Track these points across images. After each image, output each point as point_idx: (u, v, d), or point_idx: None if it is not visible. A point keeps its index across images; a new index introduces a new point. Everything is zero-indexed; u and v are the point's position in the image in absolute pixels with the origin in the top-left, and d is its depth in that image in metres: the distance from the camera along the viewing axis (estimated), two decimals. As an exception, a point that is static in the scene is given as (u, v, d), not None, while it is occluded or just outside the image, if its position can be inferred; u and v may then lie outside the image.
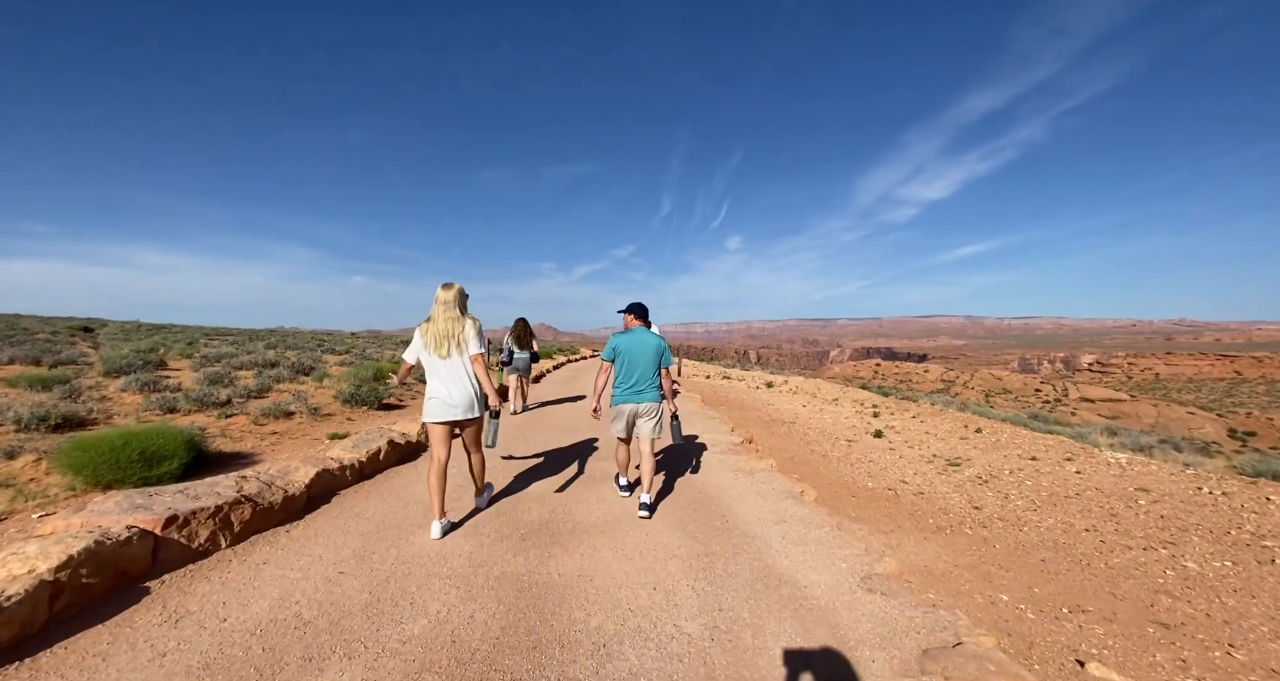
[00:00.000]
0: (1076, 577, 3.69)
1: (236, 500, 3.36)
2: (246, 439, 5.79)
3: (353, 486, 4.57)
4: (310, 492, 4.10)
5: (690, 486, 4.92)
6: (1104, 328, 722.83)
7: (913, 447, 8.03)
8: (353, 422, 7.11)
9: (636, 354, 4.17)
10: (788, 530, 3.86)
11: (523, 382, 9.06)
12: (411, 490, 4.55)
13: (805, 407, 12.38)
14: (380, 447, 5.06)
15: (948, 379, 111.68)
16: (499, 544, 3.52)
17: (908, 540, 4.24)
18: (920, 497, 5.51)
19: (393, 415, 7.95)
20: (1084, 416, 73.16)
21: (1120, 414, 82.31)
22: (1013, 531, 4.55)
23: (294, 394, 8.17)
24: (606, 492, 4.68)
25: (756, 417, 10.59)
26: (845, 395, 14.68)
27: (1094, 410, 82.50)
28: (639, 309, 4.39)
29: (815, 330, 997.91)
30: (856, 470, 6.63)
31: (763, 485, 4.97)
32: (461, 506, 4.18)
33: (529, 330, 9.08)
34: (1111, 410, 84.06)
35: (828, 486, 5.74)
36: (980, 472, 6.46)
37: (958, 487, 5.88)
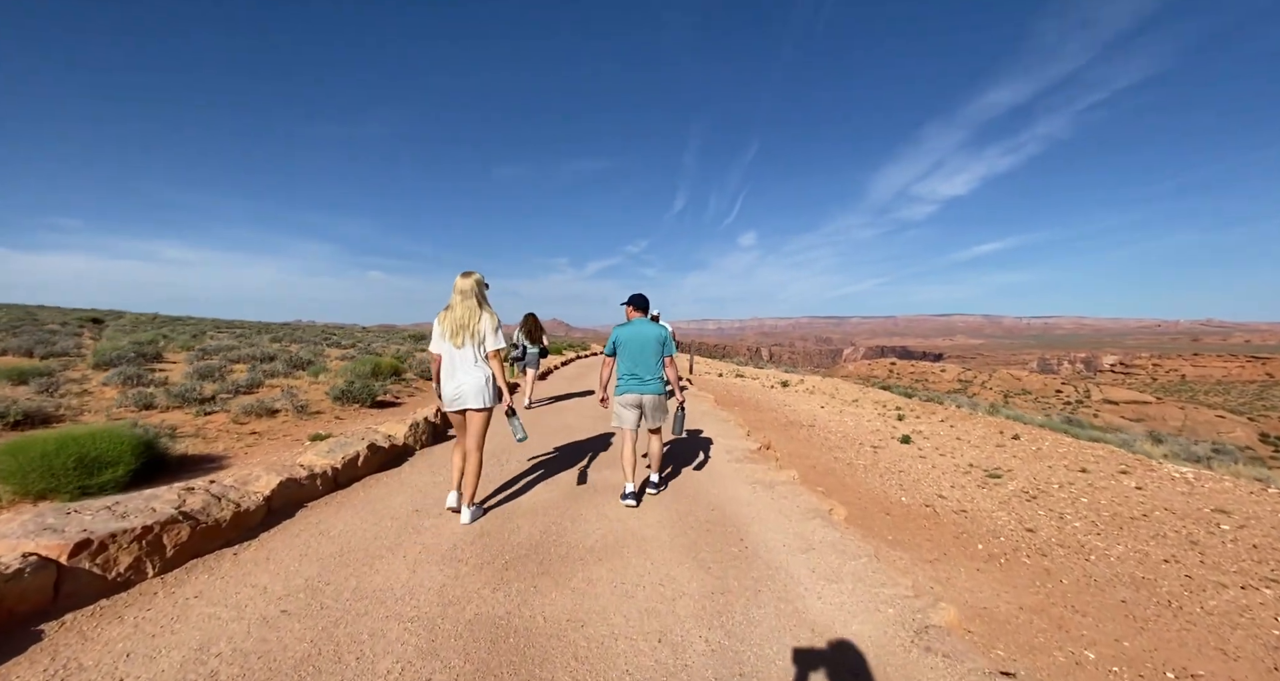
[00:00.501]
0: (1171, 626, 3.07)
1: (172, 518, 2.87)
2: (221, 439, 5.34)
3: (324, 497, 4.07)
4: (271, 505, 3.61)
5: (703, 500, 4.36)
6: (1127, 328, 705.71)
7: (945, 456, 7.38)
8: (341, 422, 6.65)
9: (637, 345, 4.18)
10: (818, 560, 3.28)
11: (532, 377, 9.00)
12: (389, 502, 4.05)
13: (824, 409, 11.74)
14: (359, 452, 4.57)
15: (965, 379, 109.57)
16: (478, 573, 2.99)
17: (958, 572, 3.64)
18: (963, 516, 4.89)
19: (386, 413, 7.48)
20: (1107, 418, 71.20)
21: (1145, 416, 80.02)
22: (1078, 561, 3.92)
23: (284, 390, 7.74)
24: (608, 506, 4.14)
25: (773, 420, 9.98)
26: (865, 396, 13.99)
27: (1117, 412, 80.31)
28: (639, 300, 4.42)
29: (829, 328, 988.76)
30: (887, 482, 6.01)
31: (785, 501, 4.39)
32: (445, 523, 3.66)
33: (539, 325, 9.01)
34: (1136, 412, 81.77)
35: (857, 502, 5.14)
36: (1026, 486, 5.81)
37: (1003, 504, 5.24)
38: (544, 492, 4.45)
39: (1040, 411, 68.94)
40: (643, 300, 4.43)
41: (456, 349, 3.57)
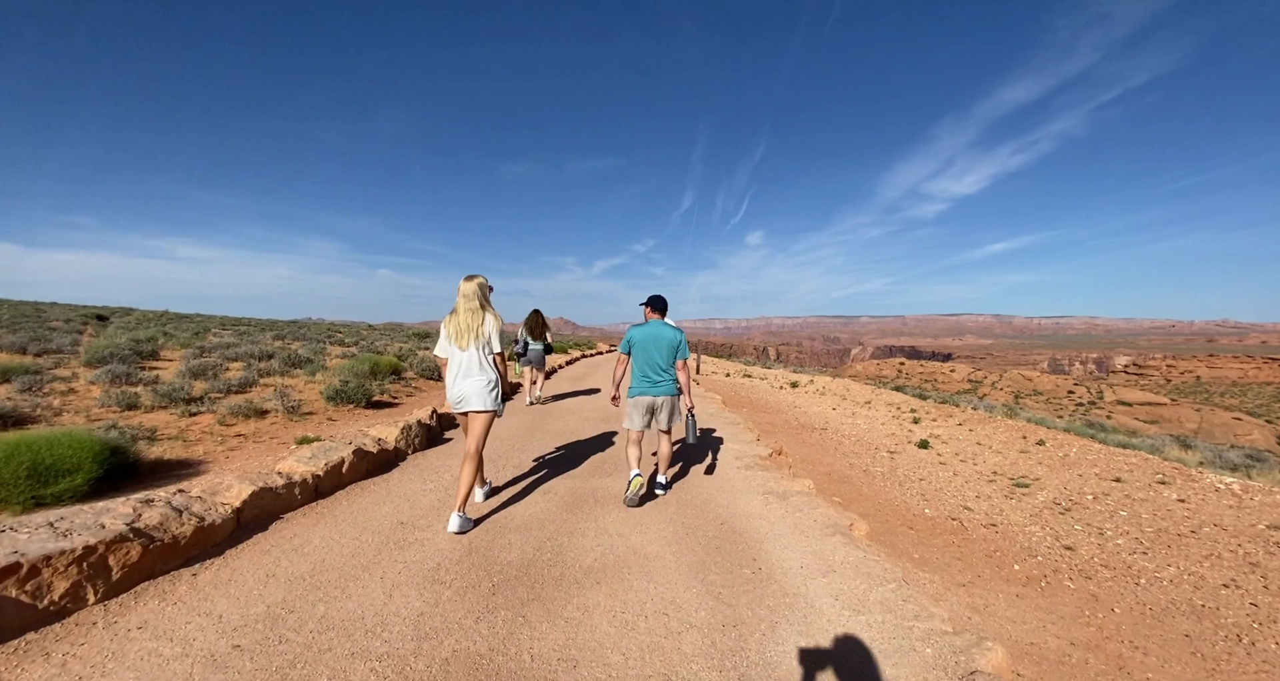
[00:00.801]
0: (1246, 666, 2.70)
1: (121, 536, 2.58)
2: (203, 442, 5.08)
3: (302, 508, 3.78)
4: (241, 518, 3.32)
5: (711, 512, 4.03)
6: (1140, 328, 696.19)
7: (966, 462, 7.00)
8: (333, 424, 6.38)
9: (652, 346, 4.16)
10: (841, 585, 2.94)
11: (536, 374, 8.85)
12: (373, 514, 3.75)
13: (836, 411, 11.36)
14: (343, 458, 4.27)
15: (975, 379, 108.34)
16: (461, 599, 2.68)
17: (995, 598, 3.28)
18: (993, 531, 4.53)
19: (381, 415, 7.21)
20: (1121, 420, 70.06)
21: (1160, 418, 78.73)
22: (1128, 585, 3.55)
23: (277, 390, 7.49)
24: (609, 519, 3.82)
25: (783, 422, 9.62)
26: (878, 397, 13.58)
27: (1131, 414, 79.05)
28: (657, 302, 4.39)
29: (836, 327, 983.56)
30: (907, 491, 5.65)
31: (800, 514, 4.04)
32: (435, 533, 3.36)
33: (543, 322, 8.83)
34: (1150, 414, 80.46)
35: (877, 514, 4.78)
36: (1057, 497, 5.43)
37: (1035, 517, 4.87)
38: (540, 502, 4.14)
39: (1052, 412, 68.47)
40: (661, 302, 4.40)
41: (461, 351, 3.64)
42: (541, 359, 8.79)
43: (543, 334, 8.77)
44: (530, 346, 8.62)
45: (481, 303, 3.71)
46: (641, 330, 4.25)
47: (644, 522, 3.80)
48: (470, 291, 3.69)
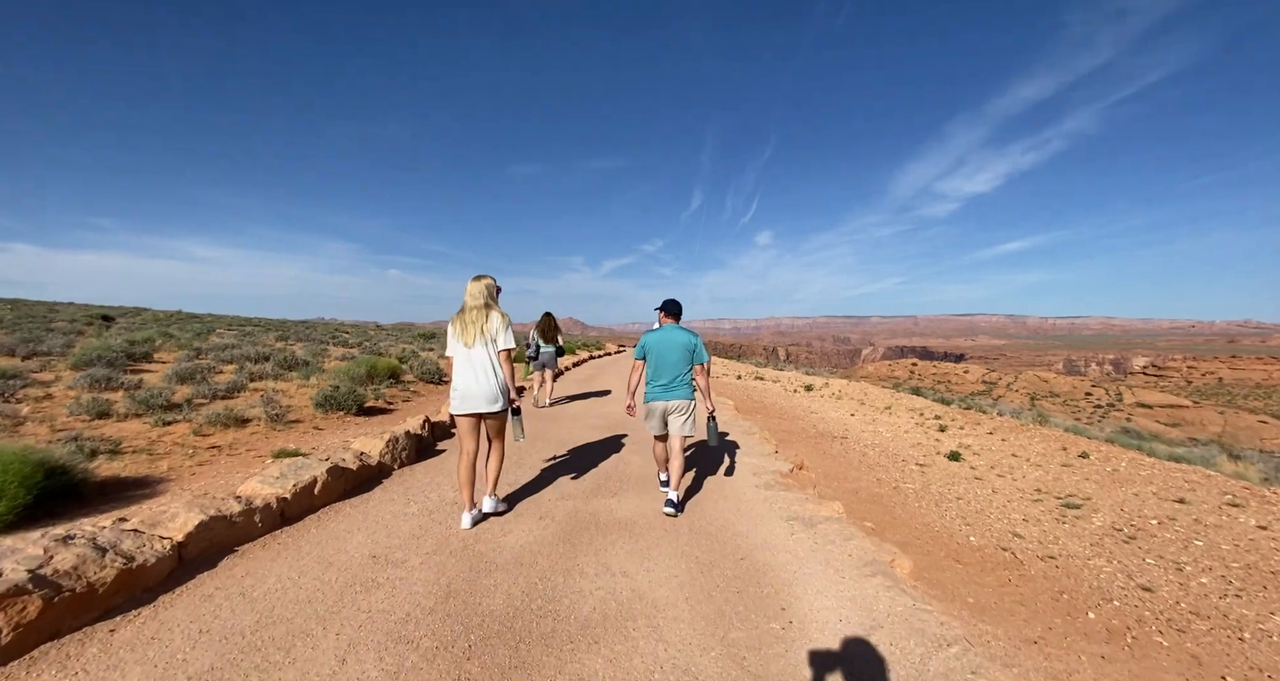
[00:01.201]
0: None
1: (16, 588, 2.12)
2: (171, 456, 4.65)
3: (263, 538, 3.32)
4: (186, 554, 2.86)
5: (729, 545, 3.52)
6: (1158, 328, 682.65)
7: (1004, 477, 6.41)
8: (319, 433, 5.94)
9: (666, 351, 4.11)
10: (892, 649, 2.42)
11: (548, 376, 8.82)
12: (342, 545, 3.28)
13: (855, 417, 10.77)
14: (315, 478, 3.81)
15: (989, 380, 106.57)
16: (430, 664, 2.19)
17: (1078, 662, 2.73)
18: (1052, 565, 3.96)
19: (373, 422, 6.76)
20: (1141, 423, 68.41)
21: (1182, 421, 76.88)
22: (1231, 642, 2.98)
23: (265, 395, 7.08)
24: (613, 553, 3.32)
25: (801, 430, 9.06)
26: (898, 402, 12.96)
27: (1151, 416, 77.21)
28: (671, 305, 4.29)
29: (847, 327, 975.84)
30: (945, 513, 5.09)
31: (832, 547, 3.52)
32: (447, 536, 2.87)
33: (554, 324, 8.88)
34: (1171, 416, 78.57)
35: (917, 543, 4.23)
36: (1116, 521, 4.84)
37: (1096, 547, 4.30)
38: (534, 529, 3.64)
39: (1070, 415, 67.26)
40: (675, 306, 4.30)
41: (468, 349, 3.59)
42: (554, 361, 8.74)
43: (555, 336, 8.74)
44: (542, 349, 8.60)
45: (488, 301, 3.68)
46: (656, 335, 4.20)
47: (652, 557, 3.30)
48: (478, 291, 3.67)
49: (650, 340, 4.20)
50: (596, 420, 7.78)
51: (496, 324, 3.60)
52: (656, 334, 4.21)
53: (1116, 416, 73.89)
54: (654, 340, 4.17)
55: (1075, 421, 20.56)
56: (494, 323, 3.60)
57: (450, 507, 4.00)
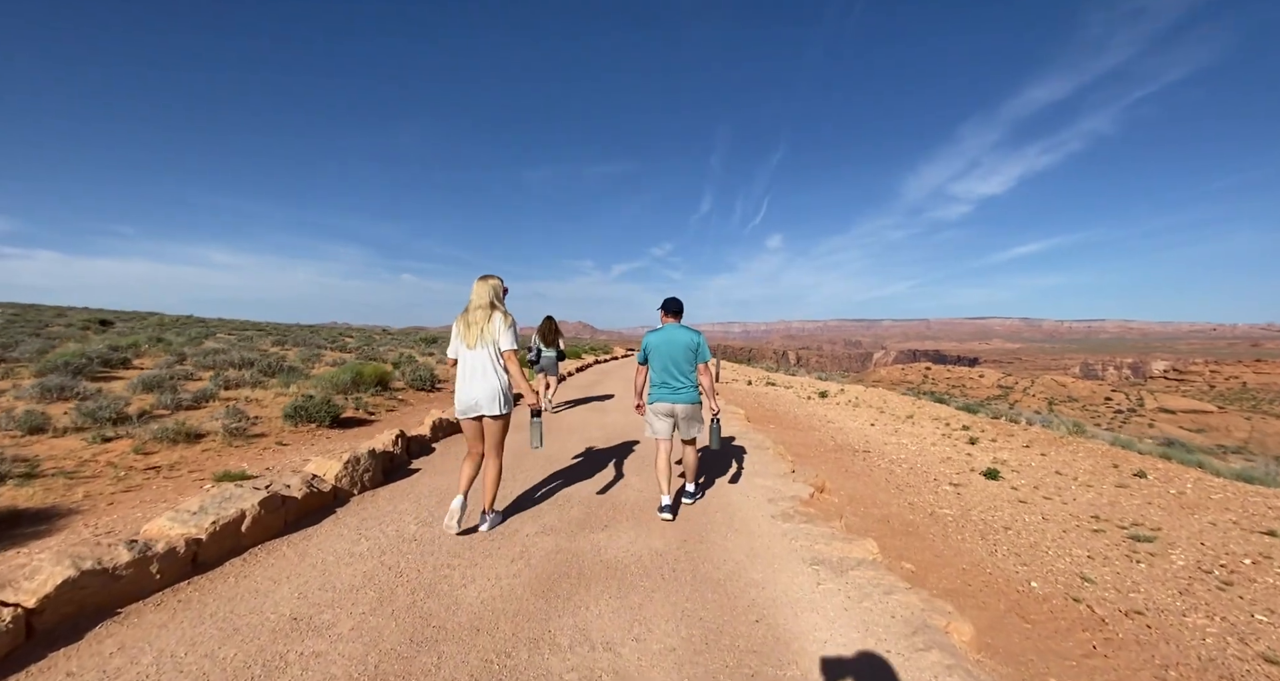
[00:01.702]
0: None
1: None
2: (98, 479, 4.04)
3: (161, 592, 2.67)
4: (40, 624, 2.23)
5: (741, 598, 2.83)
6: (1178, 332, 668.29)
7: (1053, 500, 5.66)
8: (281, 450, 5.32)
9: (670, 351, 3.99)
10: (974, 781, 1.72)
11: (549, 382, 8.71)
12: (264, 600, 2.64)
13: (875, 427, 10.01)
14: (244, 512, 3.17)
15: (1005, 384, 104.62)
16: None
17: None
18: (1141, 624, 3.22)
19: (345, 436, 6.15)
20: (1163, 428, 66.58)
21: (1207, 426, 74.76)
22: None
23: (231, 406, 6.51)
24: (596, 611, 2.65)
25: (818, 443, 8.33)
26: (920, 411, 12.17)
27: (1175, 421, 75.15)
28: (672, 304, 4.18)
29: (858, 331, 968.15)
30: (995, 548, 4.35)
31: (870, 603, 2.82)
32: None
33: (556, 328, 8.73)
34: (1196, 422, 76.41)
35: (970, 591, 3.51)
36: (1201, 560, 4.08)
37: (1187, 596, 3.55)
38: (505, 575, 2.98)
39: (1089, 420, 65.65)
40: (677, 304, 4.18)
41: (470, 350, 3.47)
42: (555, 365, 8.60)
43: (556, 340, 8.60)
44: (543, 353, 8.47)
45: (493, 302, 3.54)
46: (658, 335, 4.08)
47: (645, 618, 2.62)
48: (483, 291, 3.54)
49: (652, 340, 4.07)
50: (595, 432, 7.12)
51: (499, 325, 3.46)
52: (658, 334, 4.07)
53: (1138, 422, 71.94)
54: (656, 340, 4.04)
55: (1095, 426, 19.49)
56: (497, 323, 3.46)
57: (409, 544, 3.36)
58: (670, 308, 4.16)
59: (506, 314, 3.52)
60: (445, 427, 6.44)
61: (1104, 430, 13.55)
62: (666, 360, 3.99)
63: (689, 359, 3.98)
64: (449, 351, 3.60)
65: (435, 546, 3.34)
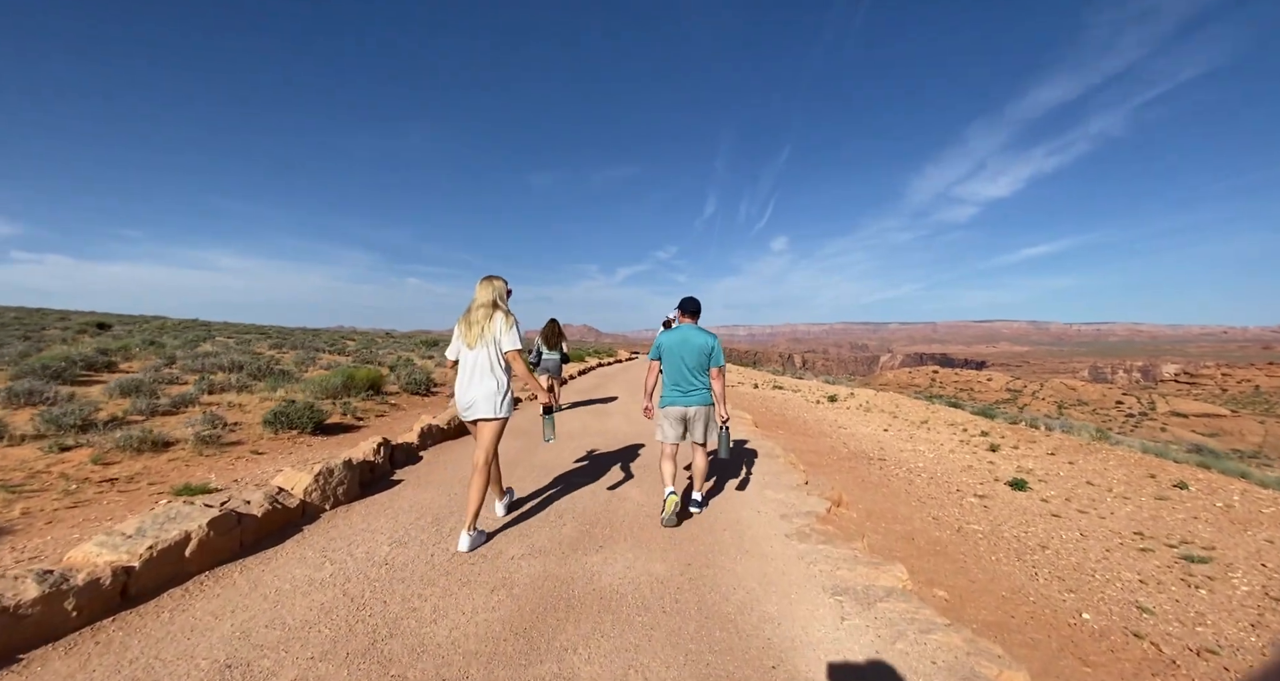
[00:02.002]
0: None
1: None
2: (45, 493, 3.69)
3: (78, 632, 2.30)
4: (-84, 676, 1.86)
5: (757, 640, 2.43)
6: (1189, 335, 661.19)
7: (1089, 514, 5.22)
8: (255, 460, 4.96)
9: (683, 352, 3.88)
10: None
11: (553, 384, 8.60)
12: (198, 640, 2.25)
13: (889, 433, 9.57)
14: (188, 533, 2.80)
15: (1014, 388, 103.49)
16: None
17: None
18: (1217, 666, 2.78)
19: (328, 444, 5.78)
20: (1176, 433, 65.49)
21: (1220, 431, 73.53)
22: None
23: (217, 408, 6.17)
24: (585, 655, 2.26)
25: (830, 450, 7.90)
26: (935, 415, 11.71)
27: (1187, 426, 73.97)
28: (689, 304, 4.06)
29: (864, 334, 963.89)
30: (1033, 570, 3.93)
31: (905, 644, 2.41)
32: None
33: (559, 330, 8.65)
34: (1209, 426, 75.20)
35: (1015, 624, 3.08)
36: (1266, 584, 3.65)
37: (1260, 628, 3.12)
38: (481, 608, 2.59)
39: (1101, 424, 64.92)
40: (694, 304, 4.06)
41: (470, 350, 3.39)
42: (558, 368, 8.50)
43: (558, 343, 8.52)
44: (545, 356, 8.40)
45: (496, 301, 3.45)
46: (672, 335, 3.96)
47: (642, 663, 2.23)
48: (486, 291, 3.47)
49: (666, 340, 3.95)
50: (595, 438, 6.72)
51: (501, 324, 3.37)
52: (673, 334, 3.95)
53: (1149, 426, 70.85)
54: (671, 341, 3.92)
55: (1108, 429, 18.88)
56: (498, 323, 3.37)
57: (378, 569, 2.98)
58: (688, 308, 4.04)
59: (509, 314, 3.43)
60: (435, 434, 6.07)
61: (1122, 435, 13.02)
62: (680, 361, 3.86)
63: (703, 361, 3.86)
64: (448, 353, 3.53)
65: (407, 572, 2.96)
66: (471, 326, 3.38)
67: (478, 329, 3.36)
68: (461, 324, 3.45)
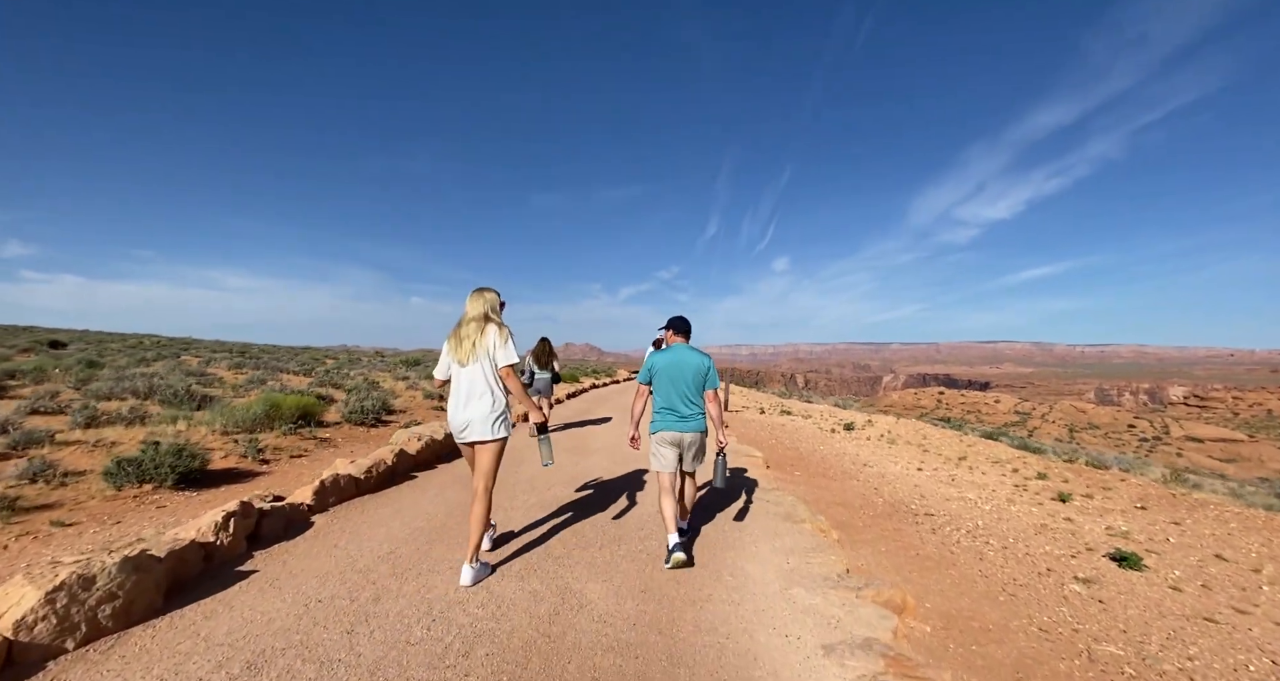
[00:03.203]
0: None
1: None
2: None
3: None
4: None
5: None
6: (1195, 357, 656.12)
7: (1249, 613, 3.65)
8: (45, 538, 3.43)
9: (676, 374, 3.58)
10: None
11: (543, 404, 8.35)
12: None
13: (924, 473, 8.00)
14: None
15: (1022, 410, 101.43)
16: None
17: None
18: None
19: (193, 503, 4.25)
20: (1193, 458, 63.35)
21: (1238, 456, 71.39)
22: None
23: (76, 449, 4.68)
24: None
25: (861, 499, 6.33)
26: (972, 449, 10.12)
27: (1203, 451, 71.84)
28: (679, 323, 3.78)
29: (866, 354, 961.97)
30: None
31: None
32: None
33: (550, 349, 8.42)
34: (1226, 452, 73.02)
35: None
36: None
37: None
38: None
39: (1113, 448, 63.01)
40: (684, 323, 3.78)
41: (462, 367, 3.15)
42: (549, 387, 8.31)
43: (549, 362, 8.29)
44: (537, 375, 8.16)
45: (488, 314, 3.21)
46: (664, 356, 3.63)
47: None
48: (478, 304, 3.23)
49: (658, 361, 3.64)
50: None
51: (494, 338, 3.13)
52: (665, 355, 3.66)
53: (1164, 451, 68.65)
54: (663, 362, 3.62)
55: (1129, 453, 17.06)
56: (491, 336, 3.13)
57: None
58: (679, 327, 3.76)
59: (503, 326, 3.19)
60: (343, 488, 4.52)
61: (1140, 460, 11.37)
62: (674, 384, 3.57)
63: (697, 384, 3.59)
64: (437, 372, 3.31)
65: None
66: (462, 342, 3.14)
67: (469, 344, 3.12)
68: (451, 340, 3.21)
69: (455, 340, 3.18)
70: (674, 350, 3.64)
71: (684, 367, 3.56)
